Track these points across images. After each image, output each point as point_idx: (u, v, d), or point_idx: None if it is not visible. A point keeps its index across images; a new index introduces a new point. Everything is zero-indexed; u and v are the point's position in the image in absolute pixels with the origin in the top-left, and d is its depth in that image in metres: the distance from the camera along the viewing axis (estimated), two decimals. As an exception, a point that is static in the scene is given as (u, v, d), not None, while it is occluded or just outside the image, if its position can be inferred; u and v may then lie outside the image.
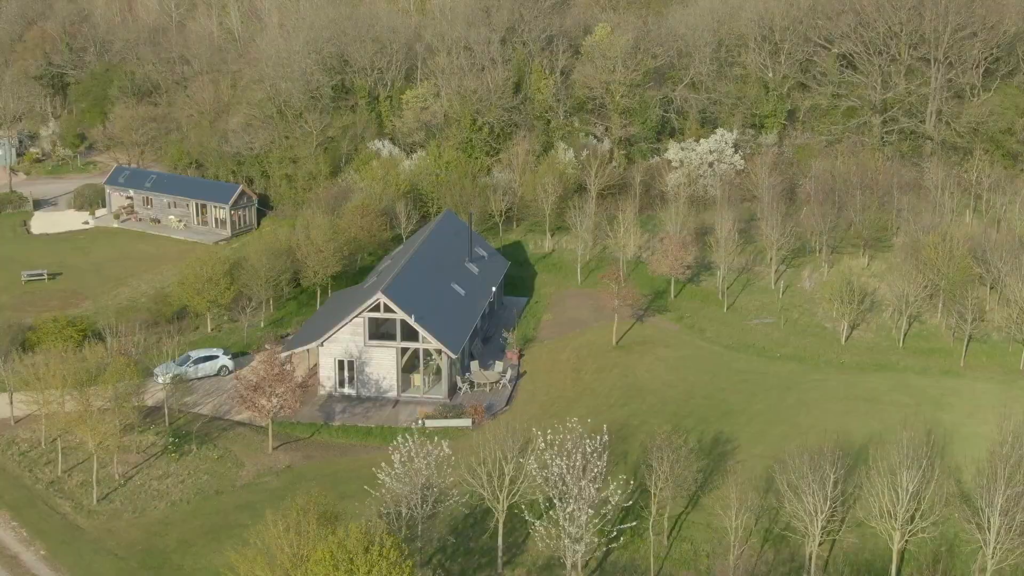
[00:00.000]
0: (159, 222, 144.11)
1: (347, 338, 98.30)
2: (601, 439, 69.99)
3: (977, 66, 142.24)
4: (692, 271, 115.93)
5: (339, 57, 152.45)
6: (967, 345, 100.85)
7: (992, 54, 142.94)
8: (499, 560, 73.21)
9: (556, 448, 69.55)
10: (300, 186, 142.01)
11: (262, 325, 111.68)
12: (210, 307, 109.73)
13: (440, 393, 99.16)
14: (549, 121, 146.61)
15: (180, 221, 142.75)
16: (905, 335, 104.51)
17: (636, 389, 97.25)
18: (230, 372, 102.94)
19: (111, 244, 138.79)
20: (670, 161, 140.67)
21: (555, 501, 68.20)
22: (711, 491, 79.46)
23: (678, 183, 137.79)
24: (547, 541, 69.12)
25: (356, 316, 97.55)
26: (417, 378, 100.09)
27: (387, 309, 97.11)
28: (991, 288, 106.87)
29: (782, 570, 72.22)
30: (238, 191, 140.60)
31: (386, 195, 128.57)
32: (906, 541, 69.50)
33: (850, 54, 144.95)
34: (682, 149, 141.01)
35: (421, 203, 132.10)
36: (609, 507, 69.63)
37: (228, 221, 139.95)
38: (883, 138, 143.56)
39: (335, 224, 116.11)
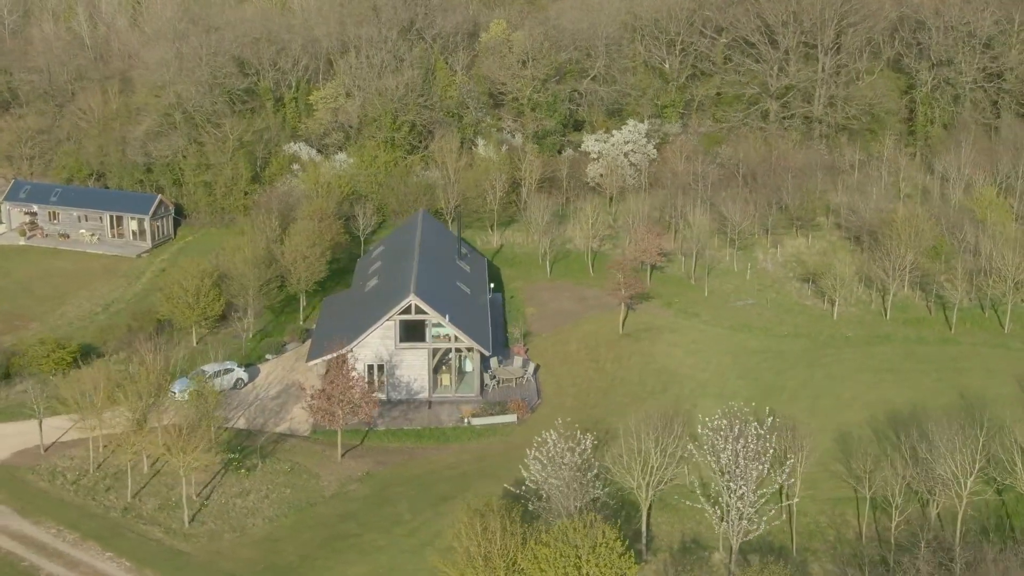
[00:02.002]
0: (68, 237, 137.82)
1: (377, 342, 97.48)
2: (772, 421, 72.50)
3: (861, 52, 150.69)
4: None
5: (238, 59, 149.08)
6: (956, 313, 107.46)
7: (875, 39, 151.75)
8: (644, 547, 74.71)
9: (723, 432, 71.69)
10: (220, 193, 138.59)
11: (250, 335, 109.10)
12: (199, 320, 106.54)
13: (471, 391, 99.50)
14: (462, 118, 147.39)
15: (93, 235, 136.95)
16: (888, 309, 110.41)
17: (666, 374, 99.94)
18: (245, 384, 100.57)
19: (25, 262, 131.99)
20: (588, 153, 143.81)
21: (729, 484, 70.20)
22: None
23: (598, 174, 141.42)
24: (721, 524, 71.12)
25: (387, 319, 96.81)
26: (446, 378, 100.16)
27: (418, 311, 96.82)
28: (948, 259, 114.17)
29: (908, 528, 75.81)
30: (156, 201, 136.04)
31: (331, 198, 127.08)
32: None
33: (748, 43, 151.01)
34: (596, 141, 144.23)
35: (359, 204, 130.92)
36: (776, 487, 72.30)
37: (148, 232, 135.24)
38: (781, 123, 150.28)
39: (316, 229, 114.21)
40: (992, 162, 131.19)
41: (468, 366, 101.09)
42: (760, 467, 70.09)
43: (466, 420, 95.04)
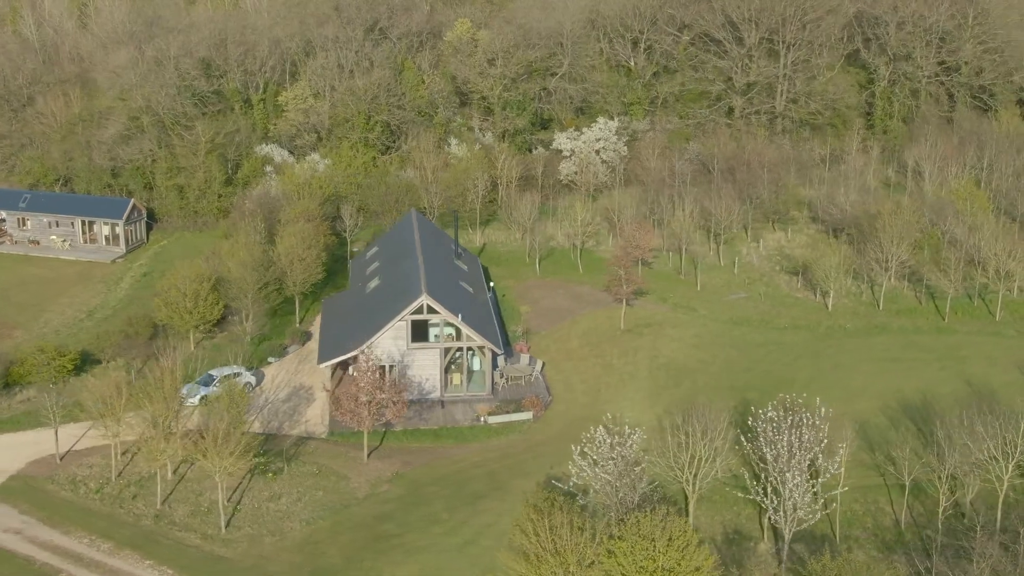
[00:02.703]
0: (38, 243, 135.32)
1: (389, 343, 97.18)
2: (826, 412, 73.71)
3: (821, 48, 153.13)
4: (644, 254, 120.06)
5: (204, 61, 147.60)
6: (949, 303, 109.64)
7: (835, 35, 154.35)
8: (691, 538, 75.38)
9: (776, 422, 72.70)
10: (193, 196, 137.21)
11: (248, 339, 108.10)
12: (197, 324, 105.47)
13: (482, 390, 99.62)
14: (432, 117, 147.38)
15: (64, 241, 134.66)
16: (880, 300, 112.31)
17: (675, 369, 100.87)
18: (253, 388, 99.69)
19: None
20: (559, 151, 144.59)
21: (784, 474, 71.12)
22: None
23: (571, 172, 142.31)
24: (775, 514, 72.04)
25: (399, 320, 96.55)
26: (456, 377, 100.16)
27: (430, 310, 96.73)
28: (934, 250, 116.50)
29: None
30: (130, 205, 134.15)
31: (314, 199, 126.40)
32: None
33: (713, 39, 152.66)
34: (568, 139, 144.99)
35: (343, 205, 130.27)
36: (827, 476, 73.49)
37: (123, 237, 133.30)
38: (747, 119, 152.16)
39: (312, 231, 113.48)
40: (962, 154, 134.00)
41: (477, 365, 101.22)
42: (813, 456, 71.20)
43: (482, 419, 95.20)
